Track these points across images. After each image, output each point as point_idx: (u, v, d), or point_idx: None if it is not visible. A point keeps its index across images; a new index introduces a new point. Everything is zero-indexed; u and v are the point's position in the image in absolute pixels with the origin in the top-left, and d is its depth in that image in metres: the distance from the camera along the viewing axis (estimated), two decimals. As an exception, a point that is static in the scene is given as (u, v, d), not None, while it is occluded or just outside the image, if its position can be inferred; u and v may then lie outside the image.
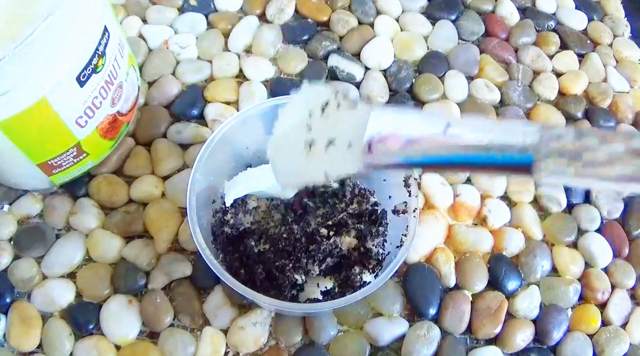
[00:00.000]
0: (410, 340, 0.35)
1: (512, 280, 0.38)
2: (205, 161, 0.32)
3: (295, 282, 0.33)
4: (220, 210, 0.36)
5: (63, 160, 0.34)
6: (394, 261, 0.30)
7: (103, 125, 0.35)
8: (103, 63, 0.32)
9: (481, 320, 0.36)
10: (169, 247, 0.37)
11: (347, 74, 0.45)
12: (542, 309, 0.37)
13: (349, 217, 0.35)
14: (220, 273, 0.29)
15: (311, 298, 0.34)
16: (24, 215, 0.38)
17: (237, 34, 0.46)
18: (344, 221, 0.35)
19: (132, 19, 0.46)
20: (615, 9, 0.53)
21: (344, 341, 0.35)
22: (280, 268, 0.33)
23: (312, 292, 0.34)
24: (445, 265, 0.38)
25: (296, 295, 0.33)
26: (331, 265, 0.34)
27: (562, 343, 0.37)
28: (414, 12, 0.49)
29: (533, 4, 0.52)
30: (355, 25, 0.48)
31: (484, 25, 0.50)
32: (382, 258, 0.35)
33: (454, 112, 0.44)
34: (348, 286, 0.33)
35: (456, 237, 0.39)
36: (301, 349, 0.35)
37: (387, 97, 0.45)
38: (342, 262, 0.34)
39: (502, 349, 0.36)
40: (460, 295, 0.37)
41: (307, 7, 0.48)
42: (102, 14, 0.32)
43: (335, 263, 0.34)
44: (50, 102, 0.30)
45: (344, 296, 0.31)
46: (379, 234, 0.35)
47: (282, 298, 0.32)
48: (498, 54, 0.48)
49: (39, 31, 0.26)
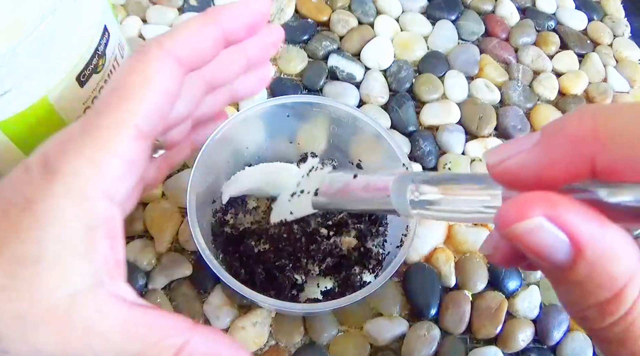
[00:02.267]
0: (410, 340, 0.35)
1: (512, 280, 0.38)
2: (205, 161, 0.32)
3: (295, 282, 0.33)
4: (220, 210, 0.36)
5: (63, 160, 0.34)
6: (394, 261, 0.30)
7: (103, 125, 0.35)
8: (103, 63, 0.32)
9: (481, 320, 0.36)
10: (169, 247, 0.37)
11: (347, 74, 0.45)
12: (542, 309, 0.38)
13: (349, 216, 0.35)
14: (221, 274, 0.29)
15: (311, 298, 0.34)
16: (24, 215, 0.38)
17: (237, 34, 0.46)
18: (344, 221, 0.35)
19: (132, 19, 0.46)
20: (615, 9, 0.53)
21: (344, 341, 0.35)
22: (280, 268, 0.33)
23: (312, 292, 0.34)
24: (445, 265, 0.38)
25: (296, 294, 0.33)
26: (331, 265, 0.34)
27: (562, 343, 0.37)
28: (414, 12, 0.50)
29: (533, 4, 0.52)
30: (355, 25, 0.48)
31: (484, 25, 0.50)
32: (382, 258, 0.35)
33: (453, 111, 0.44)
34: (348, 286, 0.33)
35: (456, 237, 0.39)
36: (301, 349, 0.35)
37: (387, 97, 0.45)
38: (342, 262, 0.34)
39: (502, 349, 0.36)
40: (460, 295, 0.37)
41: (307, 7, 0.48)
42: (102, 14, 0.32)
43: (335, 263, 0.34)
44: (50, 102, 0.30)
45: (344, 296, 0.31)
46: (379, 234, 0.35)
47: (282, 298, 0.32)
48: (498, 54, 0.48)
49: (39, 31, 0.26)
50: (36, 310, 0.23)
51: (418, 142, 0.42)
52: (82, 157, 0.23)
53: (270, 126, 0.36)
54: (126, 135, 0.24)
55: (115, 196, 0.25)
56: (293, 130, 0.36)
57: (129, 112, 0.24)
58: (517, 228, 0.17)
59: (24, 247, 0.23)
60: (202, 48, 0.27)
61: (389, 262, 0.32)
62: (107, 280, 0.24)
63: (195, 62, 0.27)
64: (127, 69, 0.26)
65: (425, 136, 0.43)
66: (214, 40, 0.27)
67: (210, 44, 0.27)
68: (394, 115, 0.44)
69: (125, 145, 0.24)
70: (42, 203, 0.23)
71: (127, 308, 0.25)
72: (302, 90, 0.45)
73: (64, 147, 0.24)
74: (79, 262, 0.23)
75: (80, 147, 0.24)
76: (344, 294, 0.33)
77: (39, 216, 0.23)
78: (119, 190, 0.25)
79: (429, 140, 0.43)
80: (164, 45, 0.26)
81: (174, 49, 0.26)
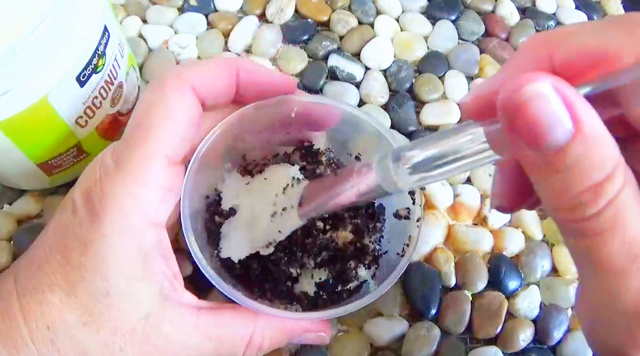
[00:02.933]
0: (410, 340, 0.35)
1: (512, 280, 0.38)
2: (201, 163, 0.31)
3: (290, 275, 0.33)
4: (213, 203, 0.35)
5: (63, 160, 0.34)
6: (397, 269, 0.30)
7: (103, 125, 0.35)
8: (103, 63, 0.32)
9: (481, 320, 0.36)
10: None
11: (347, 74, 0.45)
12: (542, 309, 0.38)
13: (346, 210, 0.35)
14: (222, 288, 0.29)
15: (305, 291, 0.33)
16: (24, 215, 0.38)
17: (237, 34, 0.46)
18: (341, 215, 0.35)
19: (132, 19, 0.46)
20: (615, 9, 0.53)
21: (344, 341, 0.35)
22: (275, 262, 0.33)
23: (306, 283, 0.34)
24: (445, 265, 0.38)
25: (291, 286, 0.33)
26: (326, 258, 0.34)
27: (562, 343, 0.37)
28: (414, 12, 0.50)
29: (533, 4, 0.52)
30: (355, 25, 0.48)
31: (484, 25, 0.50)
32: (379, 254, 0.34)
33: (453, 111, 0.44)
34: (343, 279, 0.33)
35: (456, 236, 0.39)
36: (301, 349, 0.35)
37: (387, 97, 0.45)
38: (337, 255, 0.34)
39: (502, 349, 0.36)
40: (460, 295, 0.37)
41: (307, 7, 0.48)
42: (102, 14, 0.32)
43: (330, 256, 0.34)
44: (50, 102, 0.30)
45: (338, 289, 0.32)
46: (376, 230, 0.35)
47: (278, 291, 0.32)
48: (498, 54, 0.48)
49: (39, 31, 0.26)
50: (118, 336, 0.26)
51: (418, 142, 0.42)
52: (122, 192, 0.26)
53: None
54: (158, 165, 0.26)
55: (159, 220, 0.27)
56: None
57: (157, 144, 0.27)
58: (526, 92, 0.18)
59: (91, 285, 0.25)
60: (217, 85, 0.29)
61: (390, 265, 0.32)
62: (171, 293, 0.27)
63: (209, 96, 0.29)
64: (149, 102, 0.28)
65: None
66: (228, 86, 0.30)
67: (224, 84, 0.29)
68: (394, 115, 0.44)
69: (159, 174, 0.27)
70: (98, 245, 0.25)
71: (196, 313, 0.27)
72: (302, 90, 0.44)
73: (102, 185, 0.26)
74: (143, 287, 0.26)
75: (118, 183, 0.26)
76: (338, 286, 0.33)
77: (98, 257, 0.25)
78: (162, 215, 0.28)
79: (429, 140, 0.43)
80: (182, 76, 0.27)
81: (191, 79, 0.28)
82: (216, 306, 0.29)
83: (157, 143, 0.26)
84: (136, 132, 0.27)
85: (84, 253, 0.25)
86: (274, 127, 0.34)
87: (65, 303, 0.25)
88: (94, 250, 0.25)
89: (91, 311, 0.25)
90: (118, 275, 0.25)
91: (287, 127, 0.34)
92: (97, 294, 0.25)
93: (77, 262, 0.25)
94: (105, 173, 0.26)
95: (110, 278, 0.25)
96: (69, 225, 0.26)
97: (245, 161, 0.36)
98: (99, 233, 0.25)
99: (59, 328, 0.25)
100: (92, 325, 0.25)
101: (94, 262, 0.25)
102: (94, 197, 0.26)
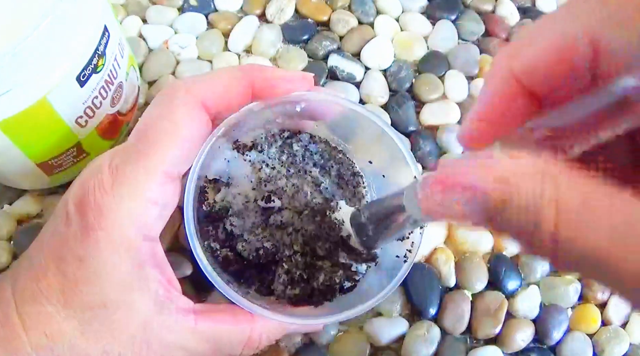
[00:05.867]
0: (410, 340, 0.35)
1: (512, 280, 0.38)
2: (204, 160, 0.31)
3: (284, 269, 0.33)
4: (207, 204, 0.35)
5: (63, 160, 0.34)
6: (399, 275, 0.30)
7: (103, 125, 0.35)
8: (103, 63, 0.32)
9: (481, 320, 0.36)
10: (169, 246, 0.37)
11: (347, 73, 0.45)
12: (542, 309, 0.38)
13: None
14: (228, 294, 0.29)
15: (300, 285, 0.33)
16: (24, 214, 0.38)
17: (237, 34, 0.46)
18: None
19: (132, 19, 0.46)
20: (615, 9, 0.53)
21: (344, 341, 0.35)
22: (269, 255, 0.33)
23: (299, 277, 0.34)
24: (445, 265, 0.38)
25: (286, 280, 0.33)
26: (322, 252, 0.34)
27: (562, 343, 0.37)
28: (414, 12, 0.49)
29: (533, 4, 0.52)
30: (355, 25, 0.48)
31: (484, 25, 0.50)
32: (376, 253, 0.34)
33: (453, 111, 0.44)
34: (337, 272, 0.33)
35: (456, 237, 0.39)
36: (301, 349, 0.35)
37: (387, 97, 0.45)
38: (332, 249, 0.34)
39: (502, 349, 0.36)
40: (460, 295, 0.37)
41: (307, 7, 0.48)
42: (102, 14, 0.32)
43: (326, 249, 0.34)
44: (50, 101, 0.30)
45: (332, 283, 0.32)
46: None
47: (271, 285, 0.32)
48: (498, 54, 0.48)
49: (39, 31, 0.26)
50: (117, 345, 0.26)
51: (418, 142, 0.42)
52: (118, 209, 0.26)
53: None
54: (156, 182, 0.27)
55: (153, 234, 0.28)
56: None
57: (158, 160, 0.27)
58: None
59: (87, 297, 0.26)
60: (229, 98, 0.29)
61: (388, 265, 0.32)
62: (166, 300, 0.27)
63: (221, 110, 0.29)
64: (156, 115, 0.28)
65: (425, 136, 0.43)
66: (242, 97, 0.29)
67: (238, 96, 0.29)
68: (394, 115, 0.44)
69: (155, 191, 0.27)
70: (93, 260, 0.25)
71: (193, 317, 0.28)
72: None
73: (97, 198, 0.26)
74: (138, 296, 0.26)
75: (115, 199, 0.26)
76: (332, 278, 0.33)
77: (93, 272, 0.26)
78: (156, 229, 0.28)
79: (429, 140, 0.43)
80: (191, 90, 0.27)
81: (201, 94, 0.28)
82: (214, 309, 0.29)
83: (157, 160, 0.26)
84: (138, 145, 0.27)
85: (79, 268, 0.26)
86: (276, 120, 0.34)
87: (63, 314, 0.25)
88: (89, 264, 0.25)
89: (89, 322, 0.26)
90: (114, 288, 0.26)
91: (289, 119, 0.34)
92: (93, 306, 0.26)
93: (73, 276, 0.26)
94: (101, 185, 0.26)
95: (106, 291, 0.26)
96: (63, 236, 0.26)
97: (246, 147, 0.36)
98: (94, 248, 0.25)
99: (58, 337, 0.25)
100: (90, 335, 0.26)
101: (89, 277, 0.26)
102: (88, 212, 0.26)
